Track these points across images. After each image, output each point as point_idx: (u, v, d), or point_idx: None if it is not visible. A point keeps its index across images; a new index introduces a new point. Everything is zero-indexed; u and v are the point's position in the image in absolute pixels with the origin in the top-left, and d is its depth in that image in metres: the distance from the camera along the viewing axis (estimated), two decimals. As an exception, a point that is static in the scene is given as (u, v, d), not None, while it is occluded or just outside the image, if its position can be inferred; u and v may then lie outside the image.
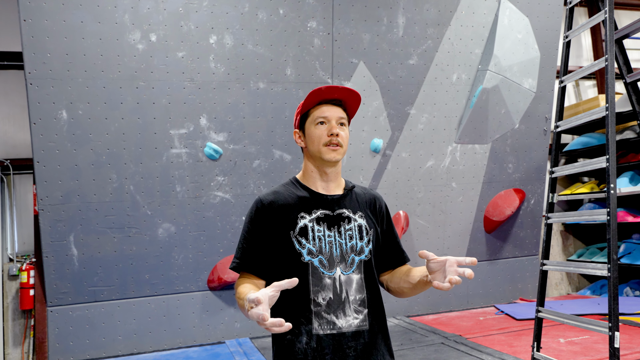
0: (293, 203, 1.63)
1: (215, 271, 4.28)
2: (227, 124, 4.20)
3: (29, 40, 3.65)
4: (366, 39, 4.50)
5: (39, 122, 3.74)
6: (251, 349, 3.96)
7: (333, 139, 1.61)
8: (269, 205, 1.63)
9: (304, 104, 1.65)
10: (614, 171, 2.85)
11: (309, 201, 1.65)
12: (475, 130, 4.97)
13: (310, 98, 1.62)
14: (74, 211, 3.90)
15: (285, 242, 1.58)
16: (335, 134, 1.61)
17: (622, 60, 3.83)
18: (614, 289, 2.72)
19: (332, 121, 1.63)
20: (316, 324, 1.54)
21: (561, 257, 6.45)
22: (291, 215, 1.61)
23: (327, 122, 1.63)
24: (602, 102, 5.73)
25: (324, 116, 1.63)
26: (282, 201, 1.64)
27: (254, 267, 1.61)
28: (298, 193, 1.66)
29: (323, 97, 1.64)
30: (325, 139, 1.61)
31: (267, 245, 1.61)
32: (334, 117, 1.63)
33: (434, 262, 1.45)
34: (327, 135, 1.61)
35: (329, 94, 1.63)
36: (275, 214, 1.62)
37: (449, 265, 1.42)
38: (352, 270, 1.60)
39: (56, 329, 3.95)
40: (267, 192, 1.68)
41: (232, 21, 4.12)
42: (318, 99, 1.64)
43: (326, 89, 1.61)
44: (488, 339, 3.85)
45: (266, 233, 1.61)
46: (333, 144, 1.61)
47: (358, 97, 1.66)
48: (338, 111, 1.64)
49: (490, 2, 4.88)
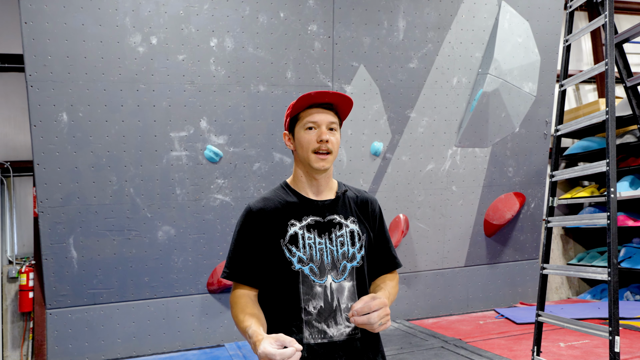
0: (283, 210, 1.60)
1: (214, 274, 4.27)
2: (227, 126, 4.20)
3: (30, 42, 3.65)
4: (367, 43, 4.51)
5: (39, 125, 3.74)
6: (250, 352, 3.95)
7: (322, 146, 1.57)
8: (258, 213, 1.60)
9: (294, 107, 1.60)
10: (614, 175, 2.85)
11: (299, 207, 1.62)
12: (475, 133, 4.97)
13: (300, 102, 1.57)
14: (73, 213, 3.89)
15: (276, 251, 1.56)
16: (325, 140, 1.56)
17: (622, 64, 3.84)
18: (615, 293, 2.72)
19: (322, 126, 1.58)
20: (307, 332, 1.52)
21: (561, 261, 6.44)
22: (281, 222, 1.59)
23: (316, 128, 1.58)
24: (602, 106, 5.73)
25: (313, 121, 1.58)
26: (271, 208, 1.61)
27: (244, 277, 1.59)
28: (288, 199, 1.63)
29: (312, 101, 1.59)
30: (315, 145, 1.57)
31: (257, 254, 1.59)
32: (324, 122, 1.58)
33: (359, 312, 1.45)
34: (317, 142, 1.57)
35: (320, 98, 1.58)
36: (264, 222, 1.59)
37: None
38: (344, 277, 1.57)
39: (55, 332, 3.94)
40: (257, 199, 1.65)
41: (233, 24, 4.12)
42: (307, 103, 1.59)
43: (316, 94, 1.57)
44: (488, 343, 3.84)
45: (256, 241, 1.59)
46: (322, 150, 1.57)
47: (350, 101, 1.62)
48: (329, 116, 1.59)
49: (491, 6, 4.88)
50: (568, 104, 6.70)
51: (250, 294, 1.60)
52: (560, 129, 3.40)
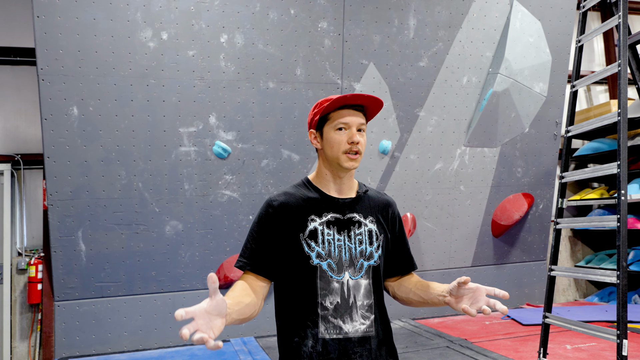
0: (304, 205, 1.62)
1: (221, 269, 4.29)
2: (236, 123, 4.21)
3: (42, 36, 3.68)
4: (377, 41, 4.49)
5: (50, 118, 3.77)
6: (256, 348, 3.97)
7: (353, 147, 1.59)
8: (280, 207, 1.61)
9: (326, 107, 1.60)
10: (625, 177, 2.83)
11: (320, 204, 1.63)
12: (484, 133, 4.94)
13: (333, 103, 1.58)
14: (82, 207, 3.92)
15: (295, 244, 1.57)
16: (356, 142, 1.58)
17: (635, 65, 3.79)
18: (623, 296, 2.70)
19: (353, 128, 1.60)
20: (322, 327, 1.53)
21: (569, 263, 6.39)
22: (301, 217, 1.60)
23: (347, 129, 1.60)
24: (613, 108, 5.68)
25: (345, 122, 1.59)
26: (292, 203, 1.62)
27: (261, 268, 1.59)
28: (309, 195, 1.65)
29: (345, 102, 1.61)
30: (346, 146, 1.59)
31: (275, 247, 1.60)
32: (355, 124, 1.60)
33: (467, 288, 1.46)
34: (348, 143, 1.59)
35: (354, 100, 1.60)
36: (285, 216, 1.60)
37: (478, 294, 1.44)
38: (361, 275, 1.59)
39: (63, 324, 3.98)
40: (278, 192, 1.67)
41: (243, 20, 4.13)
42: (339, 104, 1.61)
43: (352, 96, 1.58)
44: (494, 344, 3.82)
45: (275, 234, 1.60)
46: (353, 152, 1.59)
47: (381, 104, 1.63)
48: (359, 117, 1.61)
49: (502, 5, 4.85)
50: (579, 105, 6.64)
51: (253, 284, 1.57)
52: (571, 130, 3.37)
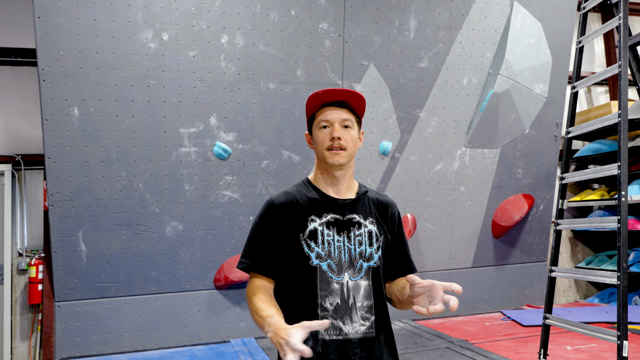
0: (304, 205, 1.62)
1: (222, 270, 4.29)
2: (236, 123, 4.21)
3: (43, 37, 3.68)
4: (377, 41, 4.49)
5: (51, 119, 3.78)
6: (256, 349, 3.97)
7: (334, 143, 1.59)
8: (280, 207, 1.62)
9: (308, 108, 1.64)
10: (626, 178, 2.83)
11: (320, 204, 1.64)
12: (485, 134, 4.94)
13: (310, 102, 1.61)
14: (83, 207, 3.93)
15: (294, 245, 1.58)
16: (336, 137, 1.58)
17: (636, 66, 3.79)
18: (624, 297, 2.70)
19: (335, 124, 1.60)
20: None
21: (569, 264, 6.39)
22: (301, 217, 1.60)
23: (330, 126, 1.61)
24: (614, 109, 5.68)
25: (326, 119, 1.61)
26: (293, 203, 1.63)
27: (263, 268, 1.60)
28: (309, 195, 1.65)
29: (324, 100, 1.62)
30: (328, 143, 1.60)
31: (276, 246, 1.60)
32: (337, 120, 1.60)
33: (419, 286, 1.43)
34: (329, 140, 1.59)
35: (329, 96, 1.61)
36: (285, 215, 1.61)
37: (434, 291, 1.40)
38: (360, 276, 1.58)
39: (63, 324, 3.98)
40: (279, 192, 1.68)
41: (244, 21, 4.13)
42: (319, 102, 1.62)
43: (324, 92, 1.59)
44: (494, 345, 3.82)
45: (276, 234, 1.61)
46: (335, 147, 1.59)
47: (359, 97, 1.63)
48: (341, 113, 1.61)
49: (503, 6, 4.85)
50: (579, 106, 6.64)
51: (267, 285, 1.60)
52: (571, 131, 3.37)
